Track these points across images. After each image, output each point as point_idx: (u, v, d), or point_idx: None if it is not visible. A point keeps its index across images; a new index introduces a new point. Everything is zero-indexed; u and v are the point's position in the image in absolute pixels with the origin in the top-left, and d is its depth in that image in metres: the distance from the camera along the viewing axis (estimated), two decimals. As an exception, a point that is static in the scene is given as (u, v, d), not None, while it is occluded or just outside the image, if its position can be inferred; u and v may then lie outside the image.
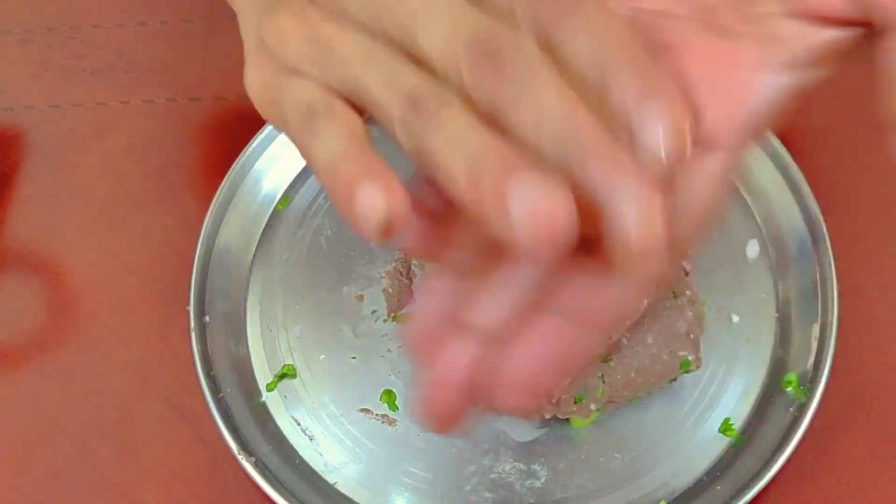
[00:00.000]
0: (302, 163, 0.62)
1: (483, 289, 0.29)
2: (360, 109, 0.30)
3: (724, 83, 0.30)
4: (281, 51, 0.31)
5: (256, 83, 0.33)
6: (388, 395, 0.55)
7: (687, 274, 0.55)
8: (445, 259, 0.31)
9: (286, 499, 0.50)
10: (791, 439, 0.51)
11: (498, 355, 0.29)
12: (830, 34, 0.30)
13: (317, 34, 0.30)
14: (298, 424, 0.54)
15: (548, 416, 0.52)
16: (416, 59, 0.29)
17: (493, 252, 0.29)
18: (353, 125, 0.30)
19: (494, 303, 0.29)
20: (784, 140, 0.58)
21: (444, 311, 0.31)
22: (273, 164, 0.61)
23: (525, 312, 0.29)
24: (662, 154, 0.26)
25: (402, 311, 0.57)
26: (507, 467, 0.53)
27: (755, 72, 0.30)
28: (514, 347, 0.29)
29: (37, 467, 0.54)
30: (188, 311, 0.55)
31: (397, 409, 0.54)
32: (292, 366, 0.56)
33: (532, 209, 0.25)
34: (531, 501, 0.52)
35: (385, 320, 0.57)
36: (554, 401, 0.51)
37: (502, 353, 0.29)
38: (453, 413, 0.30)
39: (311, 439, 0.54)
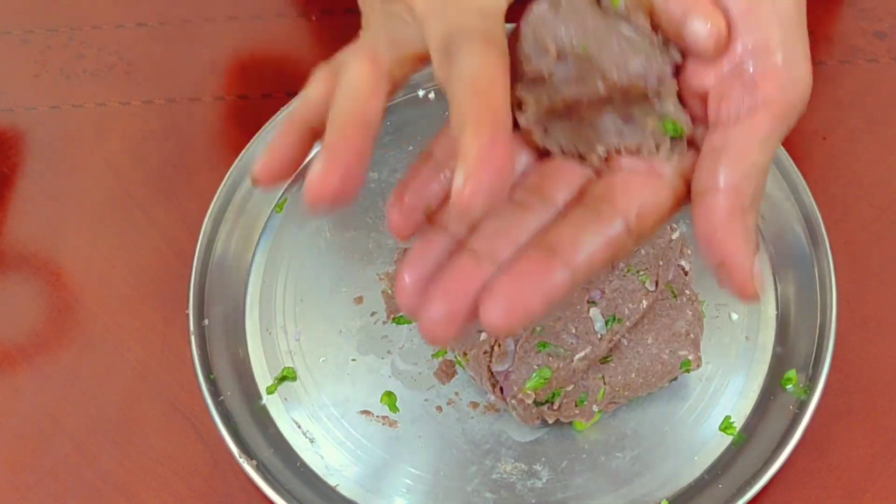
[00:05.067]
0: (300, 164, 0.62)
1: (487, 226, 0.35)
2: None
3: None
4: None
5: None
6: (389, 397, 0.55)
7: (686, 273, 0.55)
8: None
9: (287, 501, 0.50)
10: (791, 437, 0.51)
11: (493, 278, 0.34)
12: None
13: None
14: (299, 427, 0.54)
15: (551, 422, 0.52)
16: None
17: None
18: None
19: (497, 236, 0.35)
20: (783, 141, 0.58)
21: (430, 267, 0.35)
22: (272, 164, 0.61)
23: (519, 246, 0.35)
24: None
25: (400, 312, 0.57)
26: (509, 467, 0.53)
27: None
28: (508, 272, 0.34)
29: (37, 467, 0.55)
30: (187, 315, 0.55)
31: (398, 410, 0.54)
32: (292, 368, 0.56)
33: None
34: (533, 501, 0.52)
35: (385, 322, 0.57)
36: (556, 406, 0.51)
37: (497, 276, 0.34)
38: (455, 325, 0.34)
39: (311, 442, 0.54)
